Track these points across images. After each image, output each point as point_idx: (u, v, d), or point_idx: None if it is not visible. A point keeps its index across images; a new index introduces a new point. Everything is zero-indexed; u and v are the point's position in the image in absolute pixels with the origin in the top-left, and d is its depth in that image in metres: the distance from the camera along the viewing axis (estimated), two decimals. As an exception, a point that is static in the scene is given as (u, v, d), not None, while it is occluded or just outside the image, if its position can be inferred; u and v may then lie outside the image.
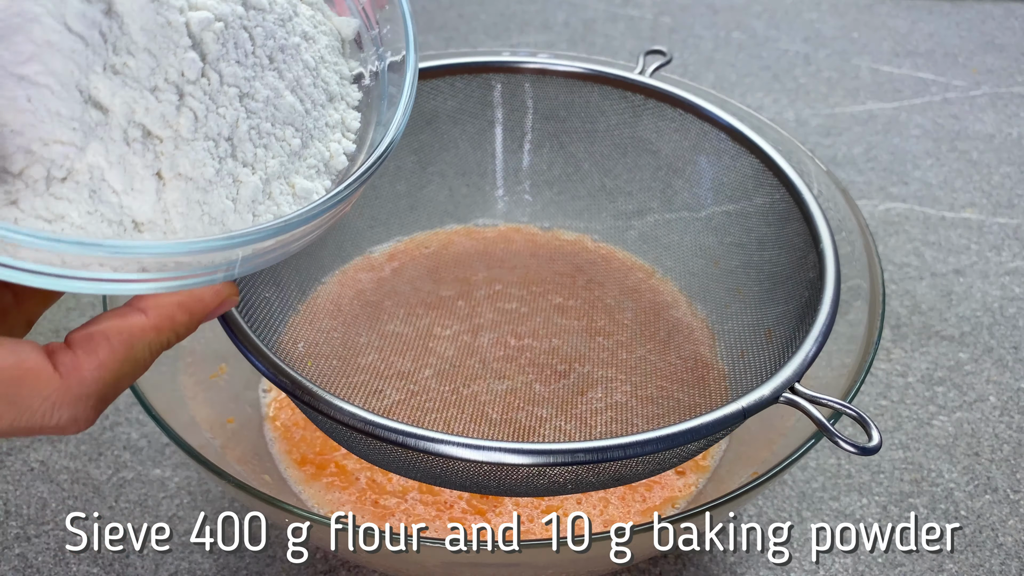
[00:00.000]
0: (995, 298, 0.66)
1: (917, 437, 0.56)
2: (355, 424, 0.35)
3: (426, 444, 0.35)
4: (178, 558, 0.48)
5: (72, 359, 0.27)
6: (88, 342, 0.28)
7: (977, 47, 0.97)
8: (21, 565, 0.48)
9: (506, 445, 0.35)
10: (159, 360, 0.46)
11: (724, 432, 0.39)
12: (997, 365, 0.61)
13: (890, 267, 0.68)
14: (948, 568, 0.49)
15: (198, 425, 0.45)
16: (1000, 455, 0.55)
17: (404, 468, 0.39)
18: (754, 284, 0.52)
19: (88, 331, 0.28)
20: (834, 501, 0.52)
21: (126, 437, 0.54)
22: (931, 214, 0.74)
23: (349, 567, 0.48)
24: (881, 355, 0.61)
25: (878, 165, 0.79)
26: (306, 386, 0.36)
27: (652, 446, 0.35)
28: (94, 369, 0.28)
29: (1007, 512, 0.52)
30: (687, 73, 0.92)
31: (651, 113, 0.55)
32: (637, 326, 0.55)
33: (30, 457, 0.53)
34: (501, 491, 0.40)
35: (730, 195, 0.53)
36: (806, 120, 0.85)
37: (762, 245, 0.52)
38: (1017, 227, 0.73)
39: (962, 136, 0.83)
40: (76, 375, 0.27)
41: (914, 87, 0.91)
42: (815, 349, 0.39)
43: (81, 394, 0.27)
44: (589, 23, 1.01)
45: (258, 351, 0.38)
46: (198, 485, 0.52)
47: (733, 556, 0.49)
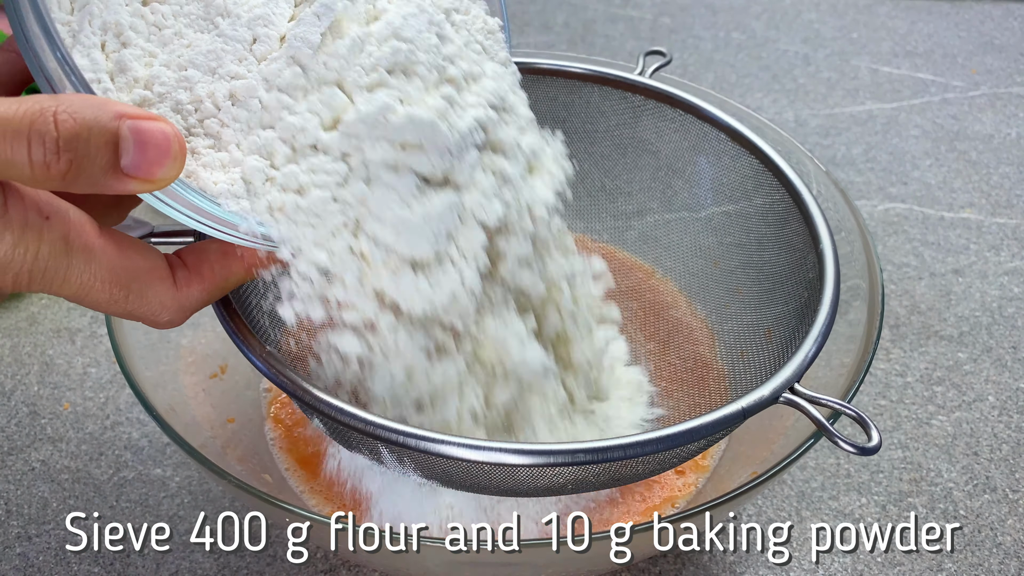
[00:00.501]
0: (994, 298, 0.66)
1: (916, 437, 0.56)
2: (354, 424, 0.35)
3: (426, 444, 0.35)
4: (178, 558, 0.48)
5: (186, 277, 0.34)
6: (199, 265, 0.34)
7: (976, 47, 0.97)
8: (22, 564, 0.48)
9: (506, 445, 0.35)
10: (159, 360, 0.47)
11: (724, 432, 0.39)
12: (996, 365, 0.61)
13: (889, 267, 0.68)
14: (947, 568, 0.49)
15: (199, 425, 0.45)
16: (999, 455, 0.55)
17: (404, 467, 0.40)
18: (754, 284, 0.52)
19: (199, 256, 0.35)
20: (833, 501, 0.52)
21: (127, 437, 0.54)
22: (930, 214, 0.74)
23: (349, 567, 0.48)
24: (880, 355, 0.61)
25: (877, 165, 0.79)
26: (306, 386, 0.36)
27: (652, 446, 0.35)
28: (200, 290, 0.34)
29: (1006, 512, 0.52)
30: (687, 74, 0.92)
31: (651, 114, 0.55)
32: (637, 326, 0.55)
33: (31, 457, 0.53)
34: (501, 491, 0.40)
35: (730, 195, 0.54)
36: (805, 120, 0.85)
37: (762, 245, 0.52)
38: (1016, 227, 0.73)
39: (961, 136, 0.83)
40: (186, 290, 0.34)
41: (913, 87, 0.91)
42: (815, 349, 0.39)
43: (184, 305, 0.34)
44: (589, 24, 1.01)
45: (259, 351, 0.38)
46: (199, 485, 0.52)
47: (733, 556, 0.49)
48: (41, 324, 0.62)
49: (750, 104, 0.87)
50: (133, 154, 0.28)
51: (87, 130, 0.27)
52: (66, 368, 0.59)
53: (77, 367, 0.59)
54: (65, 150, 0.27)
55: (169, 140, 0.29)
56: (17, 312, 0.62)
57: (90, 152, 0.27)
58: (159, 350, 0.47)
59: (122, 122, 0.28)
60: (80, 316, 0.62)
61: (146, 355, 0.45)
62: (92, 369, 0.59)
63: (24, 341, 0.60)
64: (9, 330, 0.61)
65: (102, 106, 0.28)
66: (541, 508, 0.46)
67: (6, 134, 0.26)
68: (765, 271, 0.51)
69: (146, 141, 0.28)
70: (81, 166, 0.27)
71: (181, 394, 0.46)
